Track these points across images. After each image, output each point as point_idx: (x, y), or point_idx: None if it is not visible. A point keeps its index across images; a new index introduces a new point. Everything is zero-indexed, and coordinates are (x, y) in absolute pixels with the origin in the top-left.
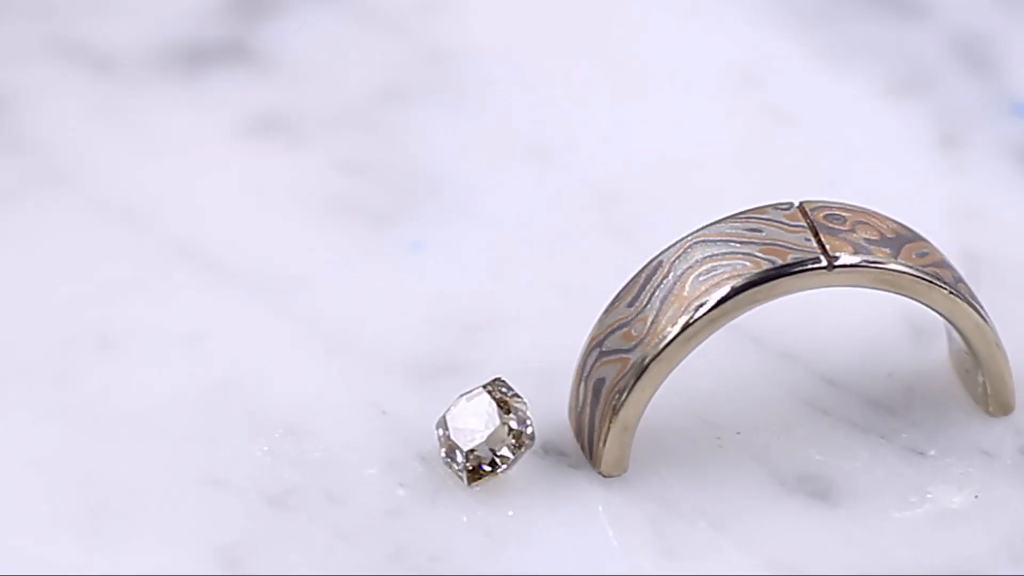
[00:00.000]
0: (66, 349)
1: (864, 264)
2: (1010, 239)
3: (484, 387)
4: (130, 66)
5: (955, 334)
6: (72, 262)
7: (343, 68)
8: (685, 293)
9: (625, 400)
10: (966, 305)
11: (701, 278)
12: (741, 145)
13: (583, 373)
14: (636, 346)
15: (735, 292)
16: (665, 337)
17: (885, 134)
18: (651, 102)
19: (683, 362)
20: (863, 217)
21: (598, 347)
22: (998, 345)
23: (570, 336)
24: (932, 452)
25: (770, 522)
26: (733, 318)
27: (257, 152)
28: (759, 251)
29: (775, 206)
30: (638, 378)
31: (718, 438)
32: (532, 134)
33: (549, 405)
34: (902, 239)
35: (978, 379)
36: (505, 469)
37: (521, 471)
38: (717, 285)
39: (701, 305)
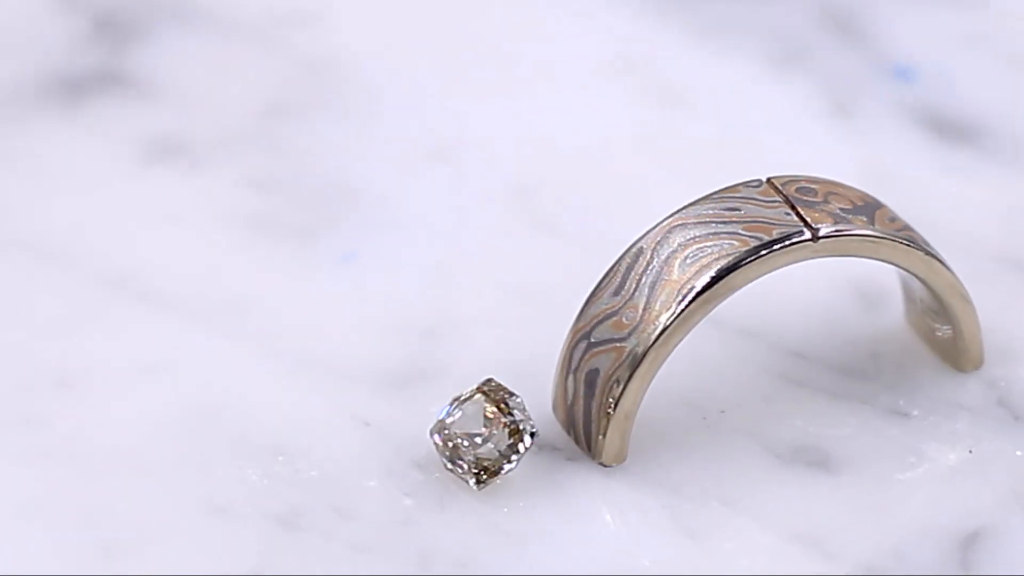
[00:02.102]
0: (26, 392)
1: (847, 233)
2: (923, 199)
3: (479, 389)
4: (7, 103)
5: (915, 294)
6: (6, 306)
7: (223, 87)
8: (675, 277)
9: (624, 388)
10: (940, 265)
11: (688, 261)
12: (641, 129)
13: (570, 366)
14: (630, 334)
15: (726, 271)
16: (661, 322)
17: (779, 108)
18: (542, 96)
19: None
20: (831, 188)
21: (585, 339)
22: (969, 301)
23: (526, 331)
24: (915, 412)
25: (779, 495)
26: (726, 298)
27: (162, 178)
28: (743, 229)
29: (745, 184)
30: (637, 365)
31: (704, 418)
32: (432, 136)
33: (525, 401)
34: (871, 207)
35: (947, 337)
36: (512, 468)
37: (520, 470)
38: (707, 266)
39: (693, 287)
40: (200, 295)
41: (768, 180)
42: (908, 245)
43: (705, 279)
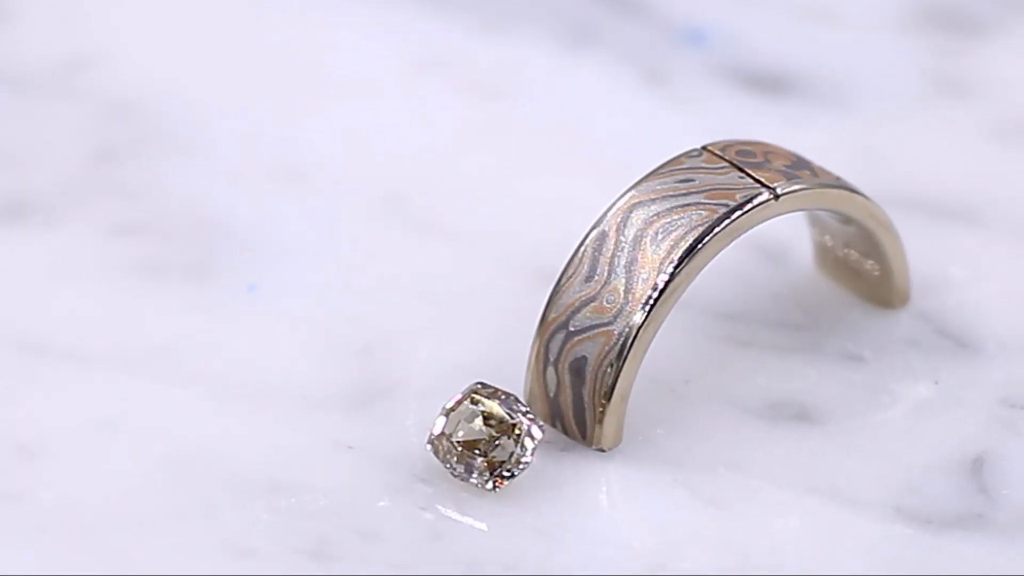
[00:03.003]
0: None
1: (802, 188)
2: None
3: (471, 394)
4: None
5: (838, 239)
6: None
7: (40, 140)
8: (650, 255)
9: (620, 371)
10: (875, 206)
11: (660, 236)
12: (472, 123)
13: (548, 359)
14: (616, 317)
15: (701, 242)
16: (646, 301)
17: (593, 87)
18: (365, 103)
19: None
20: (764, 148)
21: (563, 329)
22: (899, 238)
23: (461, 334)
24: (867, 354)
25: (777, 453)
26: (703, 268)
27: (21, 238)
28: (705, 198)
29: (687, 155)
30: (629, 347)
31: (673, 391)
32: (276, 159)
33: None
34: (804, 161)
35: (876, 277)
36: (526, 466)
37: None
38: (682, 238)
39: (672, 261)
40: (124, 345)
41: (705, 148)
42: (852, 191)
43: (683, 251)
